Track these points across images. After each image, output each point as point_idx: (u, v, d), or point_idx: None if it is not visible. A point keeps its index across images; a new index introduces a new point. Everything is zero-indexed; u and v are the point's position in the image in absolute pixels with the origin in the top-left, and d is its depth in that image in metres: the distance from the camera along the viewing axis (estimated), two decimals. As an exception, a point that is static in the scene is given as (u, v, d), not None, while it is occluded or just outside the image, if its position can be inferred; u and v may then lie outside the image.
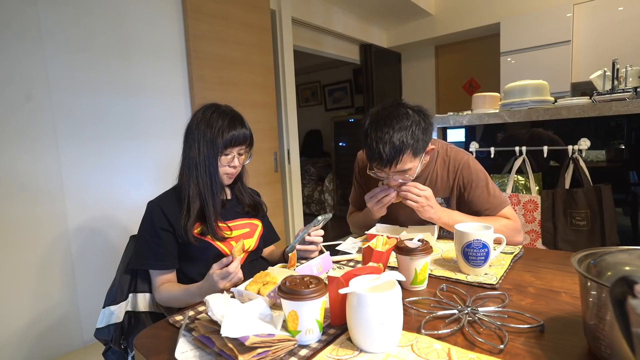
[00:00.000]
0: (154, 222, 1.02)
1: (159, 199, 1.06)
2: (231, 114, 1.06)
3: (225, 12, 2.18)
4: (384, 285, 0.63)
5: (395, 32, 4.41)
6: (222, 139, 1.01)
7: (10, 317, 1.47)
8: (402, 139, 1.04)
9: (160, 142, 1.93)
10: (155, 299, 1.05)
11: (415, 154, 1.08)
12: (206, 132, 1.01)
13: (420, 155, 1.10)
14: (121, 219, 1.79)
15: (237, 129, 1.03)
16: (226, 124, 1.02)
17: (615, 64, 1.77)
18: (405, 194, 1.09)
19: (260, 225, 1.18)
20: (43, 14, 1.53)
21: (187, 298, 0.95)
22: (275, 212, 2.63)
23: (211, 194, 1.03)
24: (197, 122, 1.03)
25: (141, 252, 1.03)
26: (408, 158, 1.07)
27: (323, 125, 5.76)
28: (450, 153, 1.23)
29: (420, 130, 1.07)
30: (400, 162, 1.06)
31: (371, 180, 1.37)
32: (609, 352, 0.51)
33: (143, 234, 1.03)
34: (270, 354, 0.58)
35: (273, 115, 2.58)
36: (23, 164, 1.49)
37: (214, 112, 1.04)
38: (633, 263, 0.55)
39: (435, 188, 1.22)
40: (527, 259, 1.00)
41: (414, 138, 1.06)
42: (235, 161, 1.05)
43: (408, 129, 1.05)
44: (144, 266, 1.03)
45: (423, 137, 1.08)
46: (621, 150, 1.73)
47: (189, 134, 1.05)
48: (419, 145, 1.07)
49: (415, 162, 1.10)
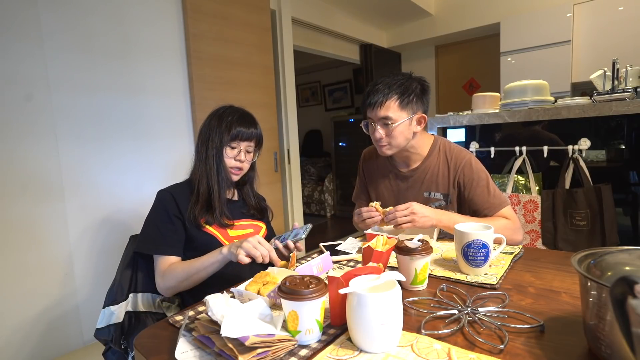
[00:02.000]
0: (166, 208, 1.04)
1: (171, 188, 1.09)
2: (242, 111, 1.13)
3: (225, 12, 2.18)
4: (384, 285, 0.63)
5: (395, 32, 4.41)
6: (229, 131, 1.07)
7: (10, 317, 1.47)
8: (392, 85, 1.14)
9: (161, 142, 1.93)
10: (157, 287, 1.03)
11: (401, 106, 1.14)
12: (217, 125, 1.08)
13: (408, 111, 1.15)
14: (121, 219, 1.79)
15: (245, 125, 1.10)
16: (235, 118, 1.09)
17: (615, 64, 1.77)
18: (395, 220, 1.09)
19: (265, 228, 1.20)
20: (43, 14, 1.53)
21: (203, 261, 0.96)
22: (275, 212, 2.59)
23: (217, 182, 1.07)
24: (211, 118, 1.11)
25: (151, 237, 1.03)
26: (394, 104, 1.14)
27: (323, 125, 5.76)
28: (453, 151, 1.25)
29: (413, 89, 1.15)
30: (384, 107, 1.14)
31: (373, 177, 1.38)
32: (609, 352, 0.51)
33: (154, 220, 1.04)
34: (270, 354, 0.58)
35: (273, 115, 2.58)
36: (23, 164, 1.49)
37: (227, 109, 1.12)
38: (633, 263, 0.55)
39: (436, 183, 1.24)
40: (527, 259, 1.00)
41: (404, 89, 1.14)
42: (242, 155, 1.10)
43: (400, 82, 1.15)
44: (152, 251, 1.02)
45: (415, 97, 1.16)
46: (621, 150, 1.74)
47: (202, 128, 1.12)
48: (407, 99, 1.14)
49: (401, 115, 1.15)
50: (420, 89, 1.18)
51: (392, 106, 1.14)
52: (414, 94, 1.16)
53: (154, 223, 1.04)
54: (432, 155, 1.26)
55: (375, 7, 3.69)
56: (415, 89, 1.16)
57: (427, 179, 1.25)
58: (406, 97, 1.14)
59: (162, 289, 1.02)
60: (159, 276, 1.02)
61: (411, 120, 1.18)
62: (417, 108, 1.18)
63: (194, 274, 0.97)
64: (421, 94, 1.18)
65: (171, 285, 1.00)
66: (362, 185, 1.44)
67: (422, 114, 1.19)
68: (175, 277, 0.98)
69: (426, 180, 1.26)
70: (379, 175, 1.36)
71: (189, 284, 0.99)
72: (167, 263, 1.02)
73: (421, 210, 1.10)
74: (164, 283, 1.01)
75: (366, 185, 1.42)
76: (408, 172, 1.29)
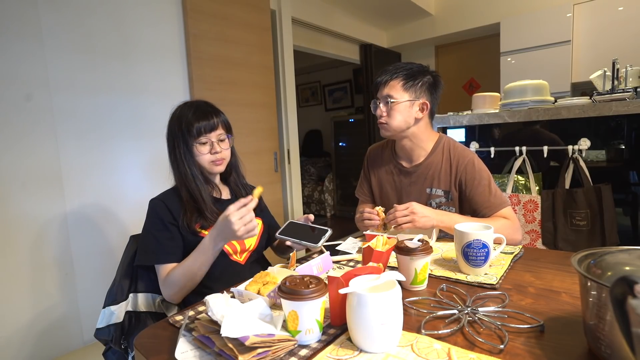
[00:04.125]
0: (160, 216, 1.02)
1: (162, 196, 1.07)
2: (196, 104, 1.09)
3: (225, 12, 2.18)
4: (384, 285, 0.63)
5: (395, 32, 4.41)
6: (190, 130, 1.04)
7: (10, 317, 1.47)
8: (400, 67, 1.20)
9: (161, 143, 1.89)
10: (162, 295, 1.02)
11: (405, 87, 1.19)
12: (177, 129, 1.05)
13: (411, 94, 1.19)
14: (121, 219, 1.79)
15: (205, 117, 1.05)
16: (192, 115, 1.05)
17: (615, 64, 1.77)
18: (395, 220, 1.09)
19: (261, 223, 1.18)
20: (43, 14, 1.53)
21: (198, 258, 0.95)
22: (276, 212, 2.62)
23: (196, 186, 1.05)
24: (170, 124, 1.09)
25: (149, 247, 1.01)
26: (398, 84, 1.19)
27: (323, 125, 5.76)
28: (457, 149, 1.26)
29: (422, 77, 1.19)
30: (389, 85, 1.20)
31: (377, 172, 1.38)
32: (609, 352, 0.51)
33: (150, 230, 1.03)
34: (270, 354, 0.58)
35: (273, 115, 2.57)
36: (23, 164, 1.49)
37: (182, 109, 1.09)
38: (633, 263, 0.55)
39: (438, 179, 1.25)
40: (527, 259, 1.00)
41: (411, 73, 1.19)
42: (216, 147, 1.06)
43: (410, 67, 1.21)
44: (152, 262, 1.01)
45: (422, 84, 1.20)
46: (621, 150, 1.74)
47: (167, 136, 1.09)
48: (412, 82, 1.19)
49: (403, 95, 1.19)
50: (431, 81, 1.22)
51: (396, 86, 1.19)
52: (421, 82, 1.20)
53: (150, 233, 1.02)
54: (436, 152, 1.26)
55: (375, 7, 3.69)
56: (426, 79, 1.21)
57: (430, 175, 1.26)
58: (411, 81, 1.19)
59: (167, 298, 1.01)
60: (162, 285, 1.01)
61: (412, 104, 1.20)
62: (422, 95, 1.20)
63: (194, 275, 0.97)
64: (430, 86, 1.22)
65: (174, 291, 0.99)
66: (366, 180, 1.45)
67: (425, 101, 1.21)
68: (176, 284, 0.97)
69: (429, 176, 1.26)
70: (382, 170, 1.37)
71: (193, 284, 0.99)
72: (167, 270, 1.00)
73: (421, 210, 1.10)
74: (166, 291, 1.00)
75: (369, 180, 1.42)
76: (411, 168, 1.29)
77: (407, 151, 1.29)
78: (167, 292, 0.99)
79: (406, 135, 1.24)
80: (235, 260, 1.09)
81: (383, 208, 1.17)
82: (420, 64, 1.24)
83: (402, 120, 1.20)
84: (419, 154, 1.28)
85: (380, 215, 1.15)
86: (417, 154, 1.28)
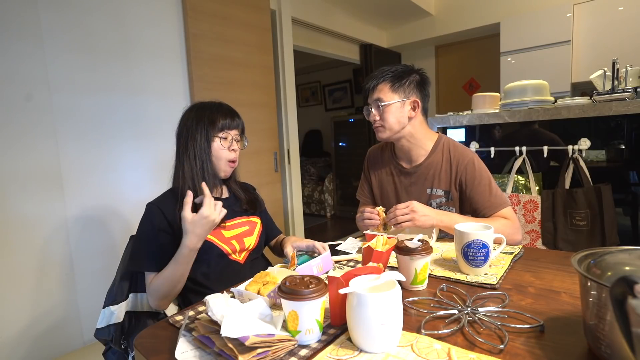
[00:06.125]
0: (154, 223, 1.01)
1: (158, 200, 1.06)
2: (218, 103, 1.10)
3: (225, 12, 2.18)
4: (384, 285, 0.63)
5: (395, 32, 4.41)
6: (214, 124, 1.04)
7: (10, 318, 1.47)
8: (386, 71, 1.22)
9: (161, 143, 1.92)
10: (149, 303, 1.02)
11: (393, 89, 1.20)
12: (196, 123, 1.04)
13: (400, 94, 1.20)
14: (121, 219, 1.79)
15: (230, 115, 1.07)
16: (215, 109, 1.06)
17: (615, 64, 1.77)
18: (395, 219, 1.10)
19: (259, 222, 1.18)
20: (43, 14, 1.53)
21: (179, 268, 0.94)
22: (276, 212, 2.63)
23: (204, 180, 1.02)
24: (186, 121, 1.07)
25: (139, 254, 1.02)
26: (386, 87, 1.20)
27: (323, 125, 5.76)
28: (457, 149, 1.26)
29: (408, 77, 1.20)
30: (377, 89, 1.21)
31: (377, 173, 1.39)
32: (609, 352, 0.51)
33: (141, 236, 1.02)
34: (270, 354, 0.58)
35: (273, 115, 2.58)
36: (23, 165, 1.49)
37: (202, 106, 1.08)
38: (633, 263, 0.55)
39: (438, 179, 1.25)
40: (527, 259, 1.00)
41: (397, 75, 1.20)
42: (234, 145, 1.08)
43: (395, 69, 1.22)
44: (140, 268, 1.02)
45: (409, 83, 1.21)
46: (621, 150, 1.74)
47: (180, 132, 1.07)
48: (399, 83, 1.20)
49: (392, 97, 1.20)
50: (418, 79, 1.23)
51: (384, 89, 1.21)
52: (408, 81, 1.21)
53: (142, 239, 1.02)
54: (436, 152, 1.26)
55: (375, 7, 3.69)
56: (412, 77, 1.22)
57: (430, 176, 1.26)
58: (398, 81, 1.20)
59: (153, 306, 1.01)
60: (147, 294, 1.01)
61: (403, 104, 1.21)
62: (411, 93, 1.22)
63: (175, 285, 0.96)
64: (418, 83, 1.23)
65: (157, 301, 0.98)
66: (366, 182, 1.45)
67: (415, 99, 1.22)
68: (159, 287, 0.96)
69: (429, 176, 1.26)
70: (382, 171, 1.37)
71: (177, 291, 0.98)
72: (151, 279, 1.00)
73: (421, 209, 1.10)
74: (150, 300, 1.00)
75: (370, 181, 1.42)
76: (411, 169, 1.29)
77: (406, 151, 1.29)
78: (151, 300, 1.00)
79: (402, 135, 1.24)
80: (234, 260, 1.09)
81: (383, 208, 1.17)
82: (405, 64, 1.26)
83: (395, 121, 1.21)
84: (418, 154, 1.28)
85: (381, 215, 1.15)
86: (416, 154, 1.28)
